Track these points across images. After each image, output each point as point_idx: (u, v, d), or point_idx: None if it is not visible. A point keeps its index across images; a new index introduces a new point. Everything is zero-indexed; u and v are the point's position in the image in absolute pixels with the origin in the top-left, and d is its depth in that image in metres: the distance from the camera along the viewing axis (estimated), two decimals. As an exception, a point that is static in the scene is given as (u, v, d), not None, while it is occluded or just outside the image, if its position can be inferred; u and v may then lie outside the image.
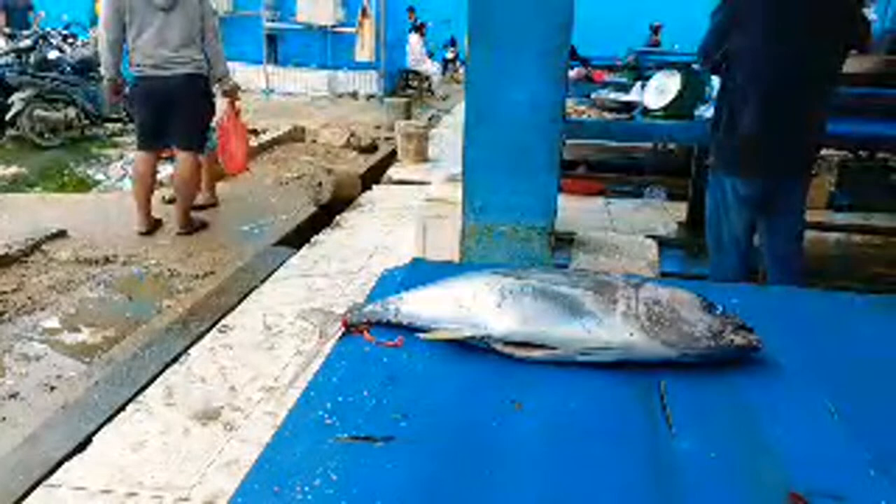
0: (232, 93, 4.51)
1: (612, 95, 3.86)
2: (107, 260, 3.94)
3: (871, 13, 6.81)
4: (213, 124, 4.62)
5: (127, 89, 4.26)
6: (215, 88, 4.45)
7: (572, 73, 4.98)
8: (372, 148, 7.62)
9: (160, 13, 3.93)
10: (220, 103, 4.61)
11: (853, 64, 2.80)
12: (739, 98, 2.53)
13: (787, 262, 2.70)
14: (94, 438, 2.20)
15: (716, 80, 3.44)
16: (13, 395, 2.61)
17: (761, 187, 2.61)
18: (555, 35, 2.05)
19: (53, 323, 3.22)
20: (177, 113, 4.09)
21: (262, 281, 3.58)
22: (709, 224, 2.81)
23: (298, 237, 4.51)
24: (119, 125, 8.11)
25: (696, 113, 3.29)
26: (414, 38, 13.36)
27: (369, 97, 11.97)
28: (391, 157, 7.06)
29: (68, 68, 7.42)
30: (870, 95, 3.60)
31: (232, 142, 4.70)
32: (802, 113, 2.52)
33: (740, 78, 2.54)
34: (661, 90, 3.38)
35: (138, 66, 4.02)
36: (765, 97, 2.48)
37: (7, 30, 9.12)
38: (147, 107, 4.13)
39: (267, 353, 2.79)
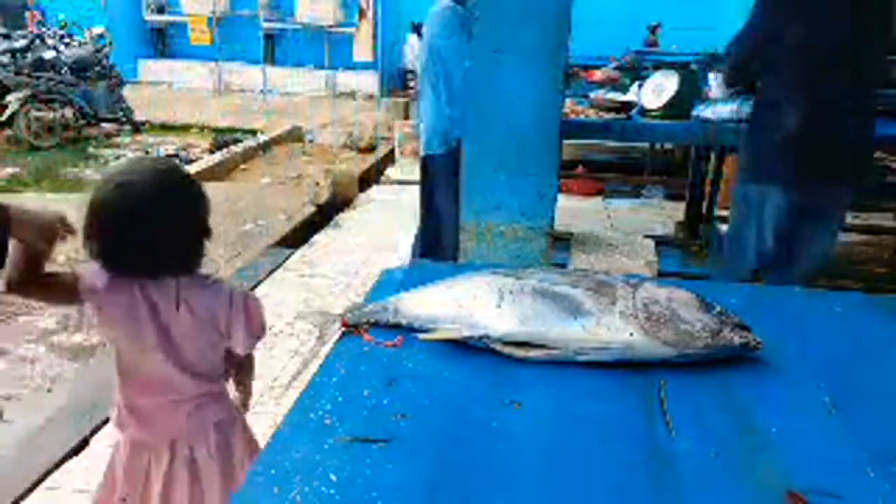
0: None
1: (610, 95, 3.86)
2: (104, 260, 3.93)
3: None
4: None
5: None
6: None
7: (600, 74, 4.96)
8: (370, 148, 7.61)
9: None
10: None
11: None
12: (783, 105, 2.37)
13: (807, 275, 2.50)
14: (92, 440, 2.20)
15: (712, 81, 3.43)
16: (10, 397, 2.61)
17: (803, 196, 2.43)
18: (553, 34, 2.05)
19: (50, 324, 3.22)
20: None
21: (261, 281, 3.57)
22: (735, 227, 2.64)
23: (297, 237, 4.51)
24: (115, 125, 8.10)
25: (693, 112, 3.28)
26: (412, 39, 13.34)
27: (368, 97, 11.96)
28: (389, 157, 7.06)
29: (64, 68, 7.40)
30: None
31: None
32: (851, 117, 2.36)
33: (783, 84, 2.37)
34: (658, 90, 3.38)
35: None
36: (813, 102, 2.32)
37: (2, 30, 9.10)
38: None
39: (265, 354, 2.79)
